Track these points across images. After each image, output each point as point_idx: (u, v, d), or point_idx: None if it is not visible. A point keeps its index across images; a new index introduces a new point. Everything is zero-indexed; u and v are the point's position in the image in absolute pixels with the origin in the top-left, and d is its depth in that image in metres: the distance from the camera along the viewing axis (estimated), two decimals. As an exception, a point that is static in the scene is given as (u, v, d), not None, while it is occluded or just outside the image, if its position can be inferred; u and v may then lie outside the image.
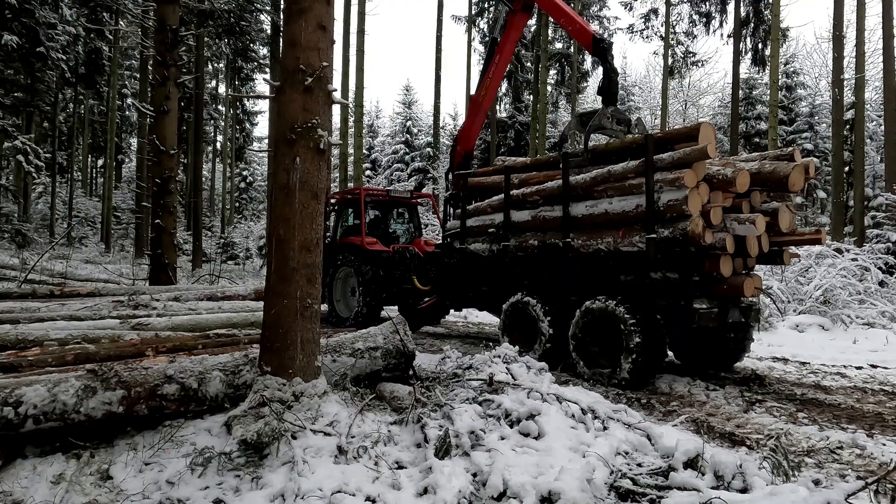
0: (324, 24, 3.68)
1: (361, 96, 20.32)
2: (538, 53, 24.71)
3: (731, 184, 5.66)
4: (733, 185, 5.65)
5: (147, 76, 20.60)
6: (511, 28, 8.55)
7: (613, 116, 7.05)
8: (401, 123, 41.43)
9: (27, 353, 4.46)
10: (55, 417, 3.21)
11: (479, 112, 9.03)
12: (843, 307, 10.43)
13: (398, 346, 4.48)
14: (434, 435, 3.32)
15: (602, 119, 6.95)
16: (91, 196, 38.65)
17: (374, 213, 11.07)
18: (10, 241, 21.56)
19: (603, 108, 7.04)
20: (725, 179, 5.67)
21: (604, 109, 7.02)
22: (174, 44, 11.48)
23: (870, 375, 6.74)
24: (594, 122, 6.92)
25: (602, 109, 7.03)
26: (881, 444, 4.18)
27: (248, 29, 23.73)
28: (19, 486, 3.01)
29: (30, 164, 17.27)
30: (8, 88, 21.26)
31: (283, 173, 3.60)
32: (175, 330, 6.08)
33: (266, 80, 4.37)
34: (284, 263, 3.59)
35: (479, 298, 8.15)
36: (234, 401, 3.63)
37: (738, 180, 5.61)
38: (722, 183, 5.70)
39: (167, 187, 11.40)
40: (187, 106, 25.93)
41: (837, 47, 17.93)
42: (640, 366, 5.78)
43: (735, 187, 5.66)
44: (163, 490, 2.97)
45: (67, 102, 31.27)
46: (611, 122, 7.02)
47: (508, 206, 7.30)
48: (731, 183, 5.64)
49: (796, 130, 28.20)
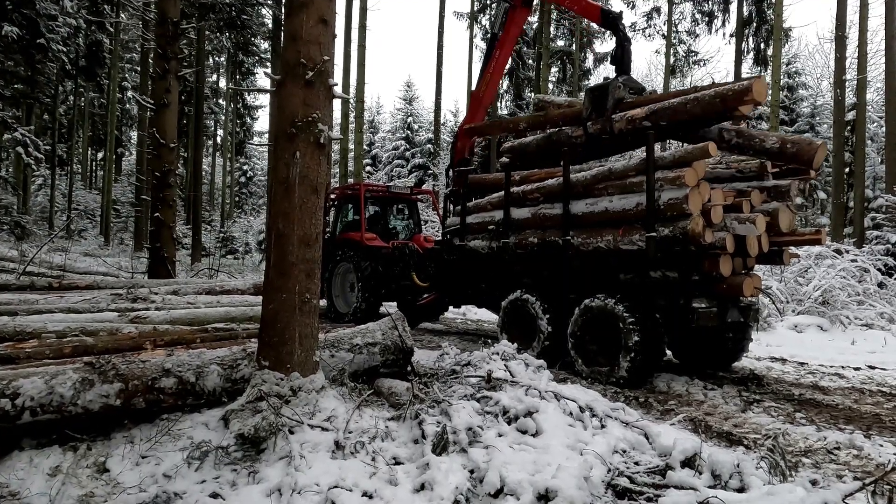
0: (325, 18, 3.67)
1: (362, 92, 20.30)
2: (540, 51, 24.67)
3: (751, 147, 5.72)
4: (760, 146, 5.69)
5: (148, 69, 20.55)
6: (511, 23, 8.52)
7: (626, 85, 6.92)
8: (401, 119, 41.36)
9: (25, 344, 4.45)
10: (52, 410, 3.21)
11: (479, 108, 9.02)
12: (842, 308, 10.44)
13: (396, 342, 4.47)
14: (432, 431, 3.31)
15: (617, 90, 6.79)
16: (90, 189, 38.59)
17: (373, 209, 11.06)
18: (9, 232, 21.54)
19: (616, 78, 6.91)
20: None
21: (616, 79, 6.89)
22: (175, 37, 11.44)
23: (868, 376, 6.74)
24: (613, 95, 6.75)
25: (615, 79, 6.89)
26: (878, 445, 4.18)
27: (249, 23, 23.69)
28: (16, 477, 3.01)
29: (29, 156, 17.23)
30: (8, 80, 21.19)
31: (283, 168, 3.59)
32: (173, 323, 6.07)
33: (267, 73, 4.36)
34: (283, 258, 3.58)
35: (478, 295, 8.15)
36: (231, 395, 3.62)
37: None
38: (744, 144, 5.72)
39: (167, 181, 11.38)
40: (188, 100, 25.88)
41: (839, 48, 17.91)
42: (638, 364, 5.78)
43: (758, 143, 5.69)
44: (159, 483, 2.96)
45: (68, 95, 31.20)
46: (625, 92, 6.88)
47: (509, 204, 7.29)
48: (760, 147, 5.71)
49: (797, 131, 28.13)
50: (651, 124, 6.20)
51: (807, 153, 5.62)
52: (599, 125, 6.79)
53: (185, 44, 19.69)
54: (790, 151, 5.71)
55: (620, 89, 6.81)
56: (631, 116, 6.42)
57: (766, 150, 5.84)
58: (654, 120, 6.23)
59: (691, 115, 6.05)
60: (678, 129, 6.41)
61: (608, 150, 7.12)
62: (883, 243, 14.37)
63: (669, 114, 6.15)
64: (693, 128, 6.24)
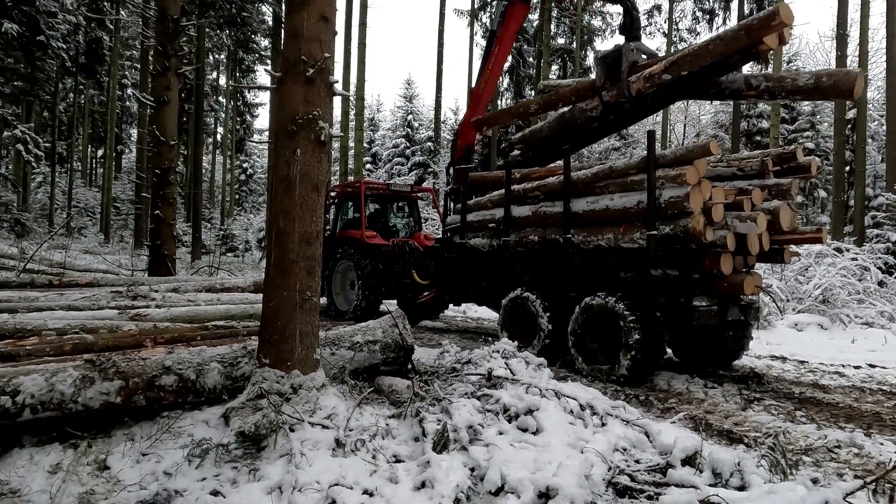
0: (326, 15, 3.66)
1: (363, 89, 20.27)
2: (540, 49, 24.63)
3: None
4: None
5: (148, 66, 20.52)
6: (510, 20, 8.51)
7: (638, 50, 6.84)
8: (402, 117, 41.36)
9: (25, 342, 4.45)
10: (53, 407, 3.20)
11: (479, 105, 9.02)
12: (842, 306, 10.44)
13: (397, 340, 4.47)
14: (432, 429, 3.31)
15: (631, 53, 6.71)
16: (91, 186, 38.57)
17: (374, 207, 11.06)
18: (10, 230, 21.52)
19: (626, 44, 6.85)
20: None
21: (627, 45, 6.83)
22: (175, 34, 11.43)
23: (868, 375, 6.74)
24: (627, 58, 6.67)
25: (626, 45, 6.83)
26: (879, 444, 4.18)
27: (249, 20, 23.67)
28: (16, 475, 3.01)
29: (29, 153, 17.23)
30: (8, 77, 21.18)
31: (284, 165, 3.58)
32: (174, 321, 6.07)
33: (267, 71, 4.36)
34: (284, 256, 3.58)
35: (479, 293, 8.15)
36: (232, 393, 3.62)
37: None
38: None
39: (167, 178, 11.37)
40: (188, 97, 25.86)
41: (840, 46, 17.88)
42: (638, 363, 5.77)
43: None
44: (160, 481, 2.96)
45: (68, 92, 31.18)
46: (638, 55, 6.79)
47: (509, 202, 7.29)
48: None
49: (798, 129, 28.11)
50: (671, 77, 5.91)
51: (845, 83, 5.40)
52: (616, 91, 6.63)
53: (186, 41, 19.69)
54: (826, 84, 5.49)
55: (633, 52, 6.70)
56: (649, 73, 6.15)
57: (799, 88, 5.60)
58: (674, 72, 5.91)
59: (714, 57, 5.69)
60: (701, 81, 6.09)
61: (627, 119, 6.93)
62: (883, 242, 14.36)
63: (690, 61, 5.82)
64: (717, 74, 5.92)
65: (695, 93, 6.64)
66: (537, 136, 7.74)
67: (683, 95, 6.88)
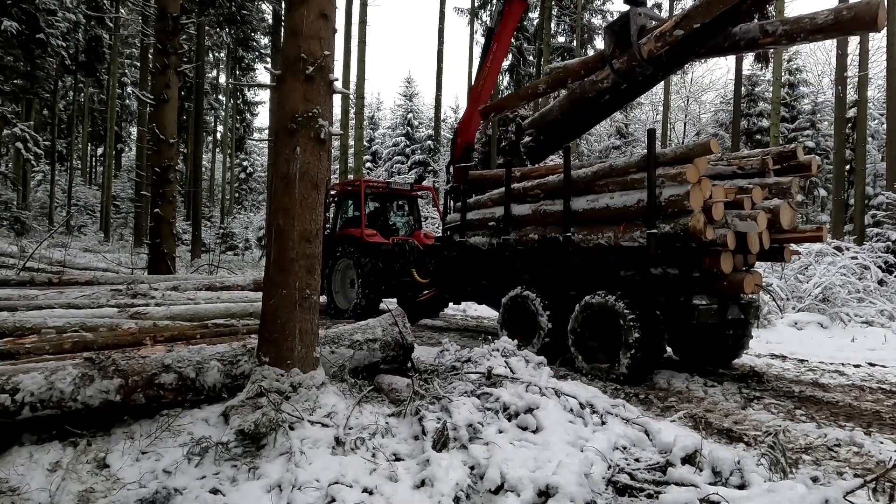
0: (326, 13, 3.65)
1: (363, 87, 20.25)
2: (540, 47, 24.62)
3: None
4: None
5: (147, 65, 20.50)
6: (508, 17, 8.52)
7: (645, 14, 6.72)
8: (402, 116, 41.34)
9: (25, 340, 4.45)
10: (52, 405, 3.20)
11: (478, 103, 9.01)
12: (842, 305, 10.44)
13: (397, 339, 4.47)
14: (432, 427, 3.31)
15: (638, 17, 6.59)
16: (90, 184, 38.55)
17: (373, 206, 11.06)
18: (9, 228, 21.52)
19: (633, 8, 6.74)
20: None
21: (634, 9, 6.72)
22: (175, 32, 11.41)
23: (868, 374, 6.74)
24: (636, 22, 6.56)
25: (632, 9, 6.71)
26: (879, 443, 4.18)
27: (249, 18, 23.65)
28: (15, 473, 3.01)
29: (29, 151, 17.22)
30: (7, 75, 21.16)
31: (284, 163, 3.58)
32: (173, 319, 6.07)
33: (267, 68, 4.35)
34: (284, 254, 3.57)
35: (479, 292, 8.15)
36: (231, 391, 3.62)
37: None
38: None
39: (167, 177, 11.36)
40: (187, 95, 25.84)
41: (841, 45, 17.87)
42: (638, 361, 5.77)
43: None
44: (159, 479, 2.96)
45: (67, 90, 31.16)
46: (646, 20, 6.67)
47: (509, 200, 7.28)
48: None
49: (798, 128, 28.12)
50: (684, 32, 5.78)
51: (866, 14, 5.27)
52: (626, 57, 6.49)
53: (185, 39, 19.67)
54: (847, 18, 5.37)
55: (641, 16, 6.58)
56: (660, 32, 6.01)
57: (818, 27, 5.47)
58: (686, 26, 5.78)
59: (727, 4, 5.55)
60: (714, 33, 5.94)
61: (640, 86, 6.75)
62: (883, 240, 14.35)
63: (703, 11, 5.67)
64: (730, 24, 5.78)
65: (709, 48, 6.40)
66: (547, 119, 7.57)
67: (697, 52, 6.68)
